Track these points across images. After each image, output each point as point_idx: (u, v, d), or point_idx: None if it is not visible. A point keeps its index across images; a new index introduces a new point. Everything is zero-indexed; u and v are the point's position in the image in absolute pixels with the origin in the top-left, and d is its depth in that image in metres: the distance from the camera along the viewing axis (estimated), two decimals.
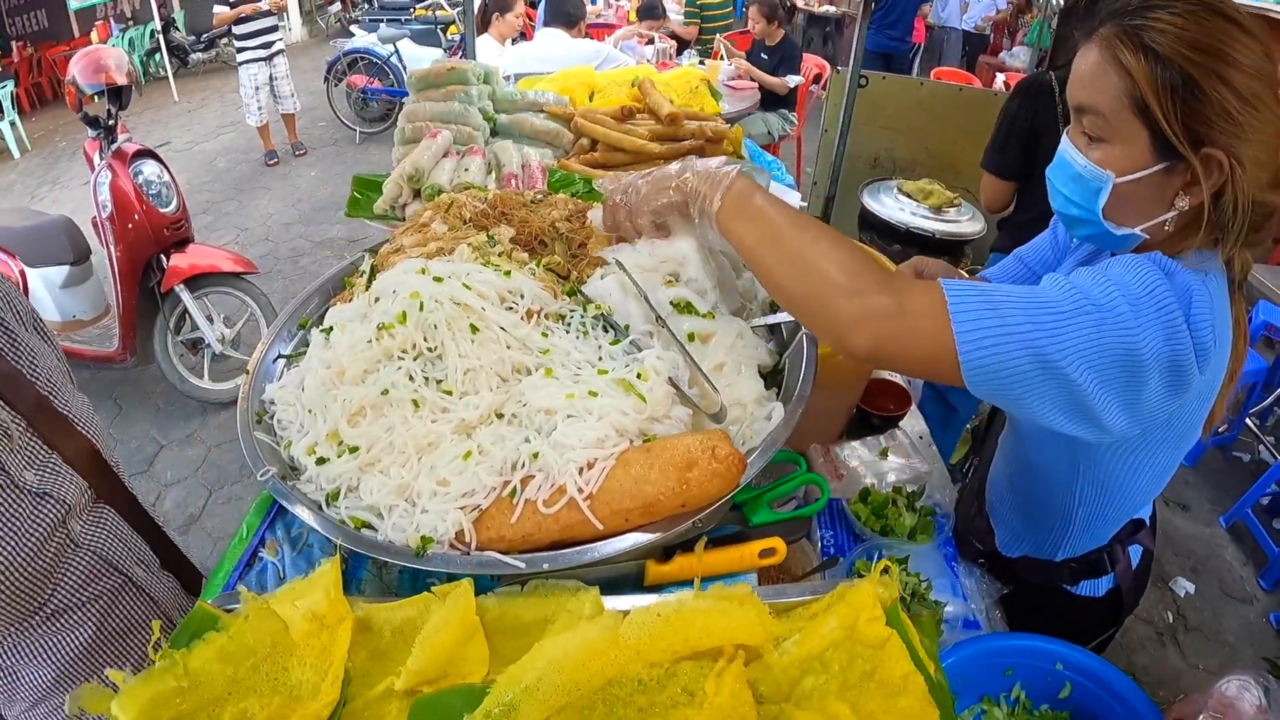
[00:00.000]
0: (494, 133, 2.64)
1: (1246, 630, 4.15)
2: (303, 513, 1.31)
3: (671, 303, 1.52)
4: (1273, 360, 5.51)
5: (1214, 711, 1.24)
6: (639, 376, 1.33)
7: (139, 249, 4.71)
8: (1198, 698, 1.28)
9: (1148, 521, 1.82)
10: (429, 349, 1.41)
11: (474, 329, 1.40)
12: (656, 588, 1.29)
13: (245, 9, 8.23)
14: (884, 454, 2.22)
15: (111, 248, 4.67)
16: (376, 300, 1.51)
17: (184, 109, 11.09)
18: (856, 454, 2.23)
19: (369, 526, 1.30)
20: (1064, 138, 1.42)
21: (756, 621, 1.14)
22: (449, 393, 1.37)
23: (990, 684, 1.55)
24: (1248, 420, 5.41)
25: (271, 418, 1.53)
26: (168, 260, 4.79)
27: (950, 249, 4.13)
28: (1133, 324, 1.19)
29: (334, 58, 9.95)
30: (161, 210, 4.72)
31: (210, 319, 4.98)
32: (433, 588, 1.21)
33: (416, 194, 2.22)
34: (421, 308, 1.41)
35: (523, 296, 1.49)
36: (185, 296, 4.83)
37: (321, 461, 1.37)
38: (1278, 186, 1.28)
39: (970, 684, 1.53)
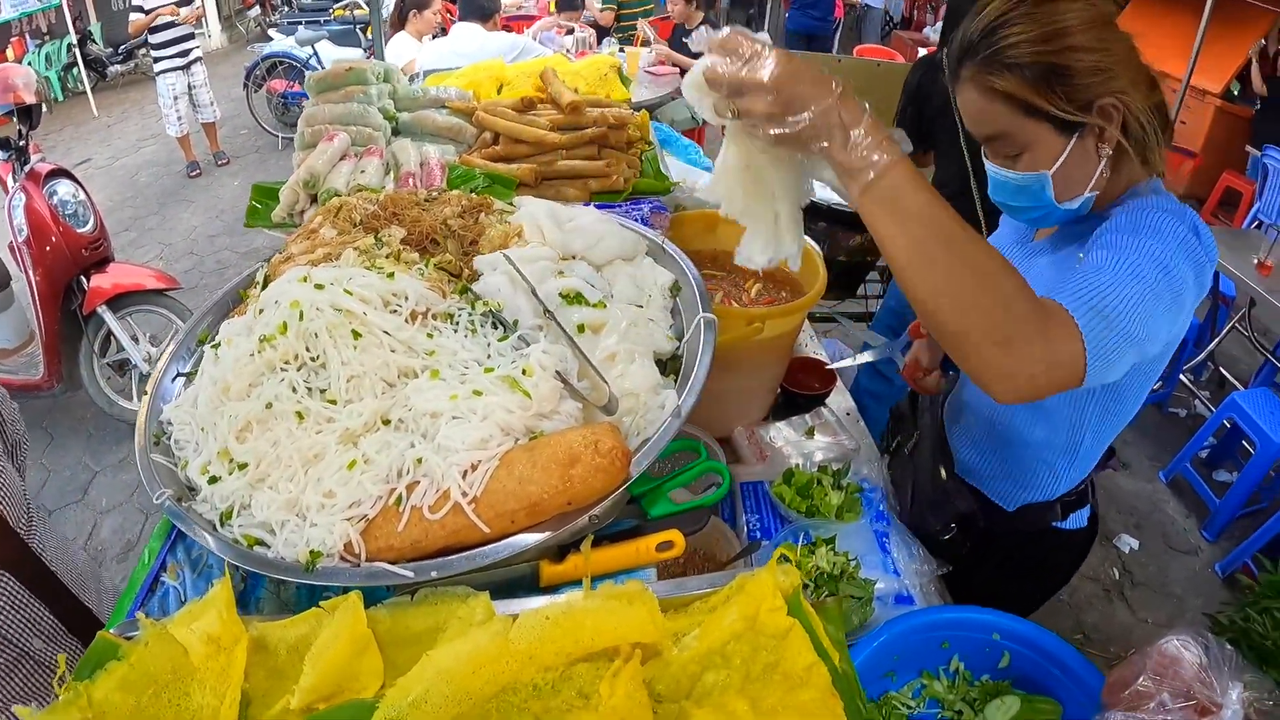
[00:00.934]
0: (396, 132, 2.59)
1: (1192, 582, 4.24)
2: (197, 533, 1.29)
3: (561, 294, 1.50)
4: (1204, 316, 5.61)
5: (1154, 672, 1.24)
6: (524, 372, 1.30)
7: (58, 271, 4.59)
8: (1137, 659, 1.28)
9: None
10: (312, 358, 1.38)
11: (356, 335, 1.37)
12: (554, 588, 1.27)
13: (162, 12, 8.06)
14: (810, 433, 2.22)
15: (30, 272, 4.54)
16: (261, 312, 1.47)
17: (104, 124, 10.80)
18: (782, 434, 2.23)
19: (262, 544, 1.26)
20: (987, 165, 1.56)
21: (648, 619, 1.12)
22: (333, 402, 1.33)
23: (928, 658, 1.55)
24: (1181, 376, 5.52)
25: (169, 438, 1.48)
26: (88, 281, 4.67)
27: None
28: (1182, 275, 1.33)
29: (252, 63, 9.74)
30: (79, 230, 4.61)
31: (135, 339, 4.86)
32: (321, 602, 1.18)
33: (315, 199, 2.17)
34: (301, 317, 1.37)
35: (407, 298, 1.45)
36: (108, 317, 4.72)
37: (214, 480, 1.34)
38: (1155, 86, 1.46)
39: (908, 659, 1.54)
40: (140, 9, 8.09)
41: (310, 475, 1.27)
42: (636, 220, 2.00)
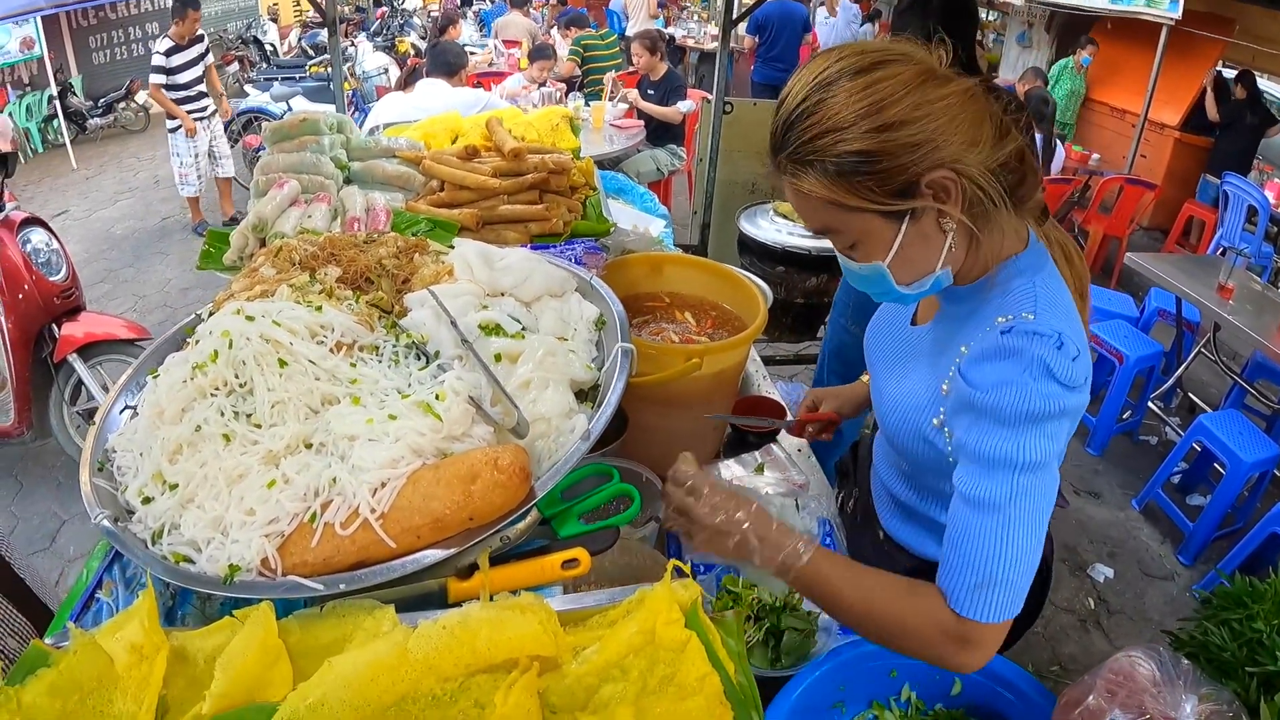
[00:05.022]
0: (349, 180, 2.68)
1: (1171, 606, 4.24)
2: (128, 549, 1.34)
3: (480, 326, 1.58)
4: (1169, 344, 5.68)
5: (1107, 689, 1.21)
6: (437, 397, 1.37)
7: (30, 319, 4.63)
8: (1089, 678, 1.25)
9: None
10: (240, 384, 1.45)
11: (282, 363, 1.44)
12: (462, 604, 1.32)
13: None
14: (760, 470, 2.22)
15: (2, 319, 4.57)
16: (197, 342, 1.55)
17: (82, 176, 10.81)
18: (731, 471, 2.24)
19: (189, 560, 1.32)
20: (837, 253, 1.41)
21: (540, 630, 1.16)
22: (259, 425, 1.40)
23: (878, 688, 1.53)
24: (1150, 404, 5.56)
25: (113, 465, 1.54)
26: (59, 329, 4.72)
27: (827, 265, 4.26)
28: (1049, 462, 1.23)
29: (229, 119, 9.83)
30: (51, 279, 4.66)
31: (106, 387, 4.86)
32: (234, 611, 1.23)
33: (263, 244, 2.25)
34: (231, 345, 1.45)
35: (333, 330, 1.53)
36: (79, 366, 4.75)
37: (147, 501, 1.40)
38: (1006, 134, 1.26)
39: (856, 690, 1.52)
40: (162, 69, 8.06)
41: (234, 494, 1.33)
42: (570, 260, 2.08)
